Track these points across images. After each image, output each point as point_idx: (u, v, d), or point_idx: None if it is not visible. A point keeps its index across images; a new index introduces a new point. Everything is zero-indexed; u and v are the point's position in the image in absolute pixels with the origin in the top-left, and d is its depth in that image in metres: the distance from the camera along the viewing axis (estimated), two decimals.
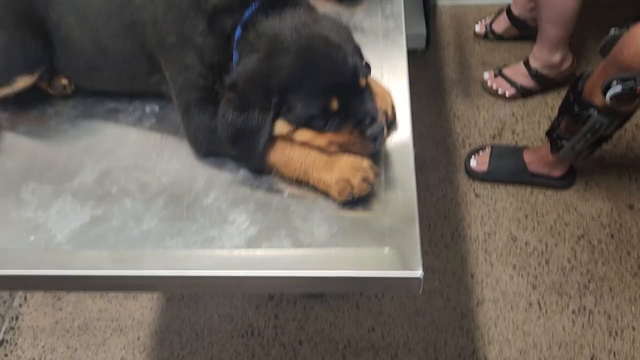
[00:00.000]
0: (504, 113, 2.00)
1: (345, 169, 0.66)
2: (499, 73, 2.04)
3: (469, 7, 2.40)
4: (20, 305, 1.37)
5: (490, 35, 2.24)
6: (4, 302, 1.37)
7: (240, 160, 0.71)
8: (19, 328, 1.34)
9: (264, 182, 0.70)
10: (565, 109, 1.42)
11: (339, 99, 0.65)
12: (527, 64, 1.97)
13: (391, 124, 0.74)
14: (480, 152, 1.71)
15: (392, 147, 0.72)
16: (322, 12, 0.85)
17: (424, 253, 1.59)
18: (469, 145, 1.82)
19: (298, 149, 0.68)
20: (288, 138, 0.67)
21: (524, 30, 2.06)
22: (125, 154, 0.75)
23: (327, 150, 0.67)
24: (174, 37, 0.70)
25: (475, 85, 2.12)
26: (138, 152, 0.75)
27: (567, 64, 1.86)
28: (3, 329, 1.33)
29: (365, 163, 0.66)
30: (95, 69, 0.78)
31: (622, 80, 1.22)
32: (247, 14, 0.68)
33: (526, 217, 1.58)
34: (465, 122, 1.99)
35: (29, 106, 0.81)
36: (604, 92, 1.26)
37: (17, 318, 1.35)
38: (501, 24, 2.20)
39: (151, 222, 0.68)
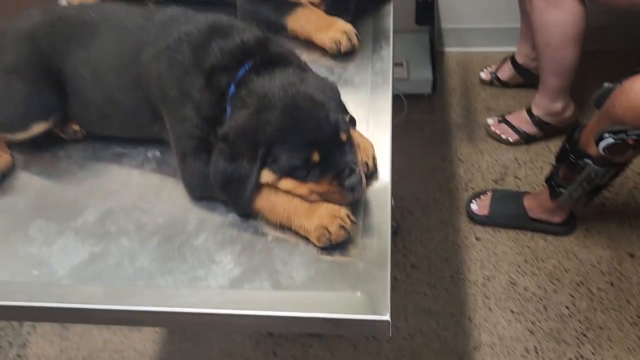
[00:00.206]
0: (507, 158, 2.03)
1: (324, 216, 0.71)
2: (503, 119, 2.09)
3: (475, 54, 2.47)
4: (29, 334, 1.43)
5: (495, 82, 2.30)
6: (13, 329, 1.43)
7: (229, 204, 0.76)
8: (26, 356, 1.39)
9: (250, 226, 0.75)
10: (562, 157, 1.45)
11: (320, 152, 0.70)
12: (529, 111, 2.01)
13: (372, 174, 0.79)
14: (482, 196, 1.74)
15: (372, 195, 0.77)
16: (316, 66, 0.92)
17: (423, 295, 1.62)
18: (472, 189, 1.85)
19: (282, 197, 0.73)
20: (273, 186, 0.73)
21: (528, 78, 2.11)
22: (126, 195, 0.81)
23: (309, 199, 0.72)
24: (175, 91, 0.77)
25: (479, 130, 2.17)
26: (138, 194, 0.81)
27: (569, 112, 1.90)
28: (11, 356, 1.39)
29: (343, 211, 0.71)
30: (104, 117, 0.86)
31: (614, 133, 1.26)
32: (240, 73, 0.75)
33: (526, 262, 1.59)
34: (469, 166, 2.03)
35: (43, 149, 0.89)
36: (597, 143, 1.30)
37: (24, 346, 1.41)
38: (506, 72, 2.26)
39: (145, 261, 0.73)
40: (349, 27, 0.97)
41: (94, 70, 0.83)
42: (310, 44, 1.00)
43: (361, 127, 0.85)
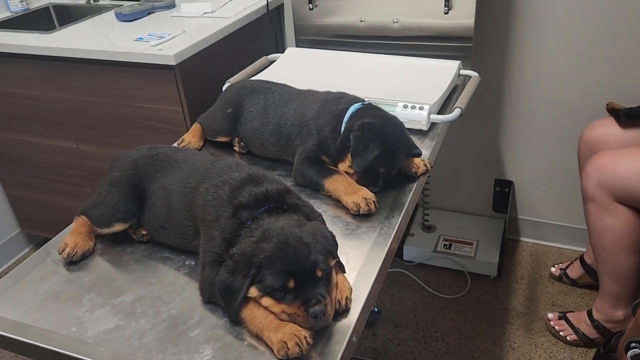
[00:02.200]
0: (563, 357, 1.98)
1: (287, 333, 0.87)
2: (564, 316, 2.06)
3: (551, 248, 2.51)
4: None
5: (565, 279, 2.30)
6: None
7: (225, 310, 0.96)
8: None
9: (235, 331, 0.93)
10: None
11: (296, 281, 0.88)
12: (590, 314, 1.98)
13: (343, 312, 0.94)
14: None
15: (335, 329, 0.91)
16: (337, 220, 1.14)
17: None
18: None
19: (261, 311, 0.91)
20: (257, 301, 0.92)
21: (596, 279, 2.11)
22: (158, 288, 1.05)
23: (280, 317, 0.89)
24: (211, 216, 1.02)
25: (539, 323, 2.15)
26: (167, 289, 1.04)
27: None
28: None
29: (303, 333, 0.87)
30: (163, 228, 1.13)
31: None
32: (258, 211, 0.99)
33: None
34: (520, 356, 2.01)
35: (116, 243, 1.18)
36: (626, 352, 1.31)
37: None
38: (575, 270, 2.27)
39: (149, 339, 0.93)
40: (370, 195, 1.19)
41: (165, 193, 1.13)
42: (339, 203, 1.23)
43: (351, 274, 1.02)
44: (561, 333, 2.02)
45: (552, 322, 2.06)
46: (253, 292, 0.91)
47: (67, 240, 1.14)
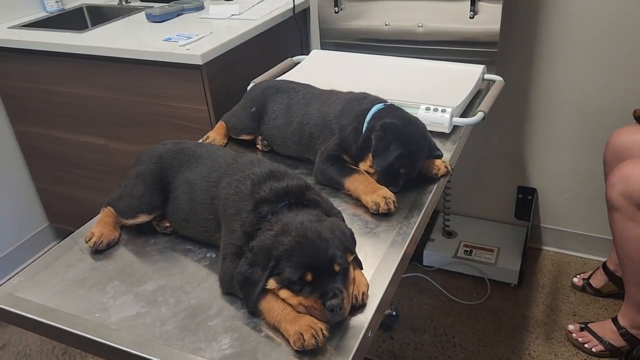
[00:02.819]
0: None
1: (304, 325, 0.88)
2: (585, 327, 2.03)
3: (574, 258, 2.48)
4: None
5: (588, 289, 2.26)
6: None
7: (244, 301, 0.98)
8: None
9: (253, 322, 0.95)
10: None
11: (313, 274, 0.90)
12: (615, 320, 1.94)
13: (359, 307, 0.95)
14: None
15: (351, 323, 0.93)
16: (356, 218, 1.15)
17: None
18: None
19: (279, 303, 0.93)
20: (275, 293, 0.93)
21: (621, 286, 2.05)
22: (179, 278, 1.07)
23: (297, 309, 0.91)
24: (232, 210, 1.05)
25: (559, 332, 2.12)
26: (188, 279, 1.07)
27: None
28: None
29: (319, 325, 0.88)
30: (186, 221, 1.16)
31: None
32: (279, 206, 1.01)
33: None
34: None
35: (141, 234, 1.21)
36: None
37: None
38: (599, 279, 2.23)
39: (170, 327, 0.96)
40: (390, 194, 1.20)
41: (189, 186, 1.16)
42: (359, 202, 1.25)
43: (369, 271, 1.03)
44: (586, 345, 1.98)
45: (574, 335, 2.03)
46: (271, 284, 0.93)
47: (93, 229, 1.18)
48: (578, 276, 2.29)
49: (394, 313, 2.18)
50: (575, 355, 1.98)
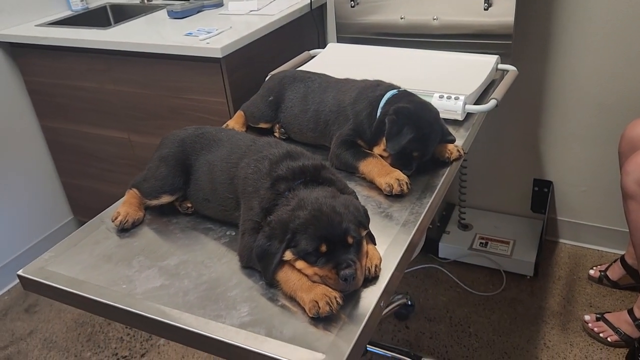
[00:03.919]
0: (599, 357, 1.96)
1: (319, 294, 0.92)
2: (601, 317, 2.03)
3: (591, 250, 2.48)
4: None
5: (605, 281, 2.26)
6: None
7: (262, 273, 1.02)
8: None
9: (270, 293, 1.00)
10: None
11: (328, 246, 0.94)
12: (631, 312, 1.95)
13: (372, 279, 0.99)
14: None
15: (364, 293, 0.96)
16: (370, 200, 1.19)
17: None
18: None
19: (295, 274, 0.97)
20: (291, 265, 0.98)
21: (639, 280, 2.07)
22: (200, 254, 1.12)
23: (312, 279, 0.95)
24: (251, 188, 1.09)
25: (575, 322, 2.13)
26: (208, 255, 1.12)
27: None
28: None
29: (333, 294, 0.92)
30: (207, 200, 1.21)
31: None
32: (295, 183, 1.05)
33: None
34: (554, 354, 1.99)
35: (163, 214, 1.26)
36: None
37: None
38: (616, 272, 2.23)
39: (192, 297, 1.01)
40: (403, 176, 1.24)
41: (209, 168, 1.21)
42: (373, 184, 1.29)
43: (382, 247, 1.07)
44: (601, 335, 1.99)
45: (590, 324, 2.03)
46: (288, 255, 0.97)
47: (119, 209, 1.23)
48: (594, 268, 2.30)
49: (409, 302, 2.21)
50: (591, 345, 1.99)
